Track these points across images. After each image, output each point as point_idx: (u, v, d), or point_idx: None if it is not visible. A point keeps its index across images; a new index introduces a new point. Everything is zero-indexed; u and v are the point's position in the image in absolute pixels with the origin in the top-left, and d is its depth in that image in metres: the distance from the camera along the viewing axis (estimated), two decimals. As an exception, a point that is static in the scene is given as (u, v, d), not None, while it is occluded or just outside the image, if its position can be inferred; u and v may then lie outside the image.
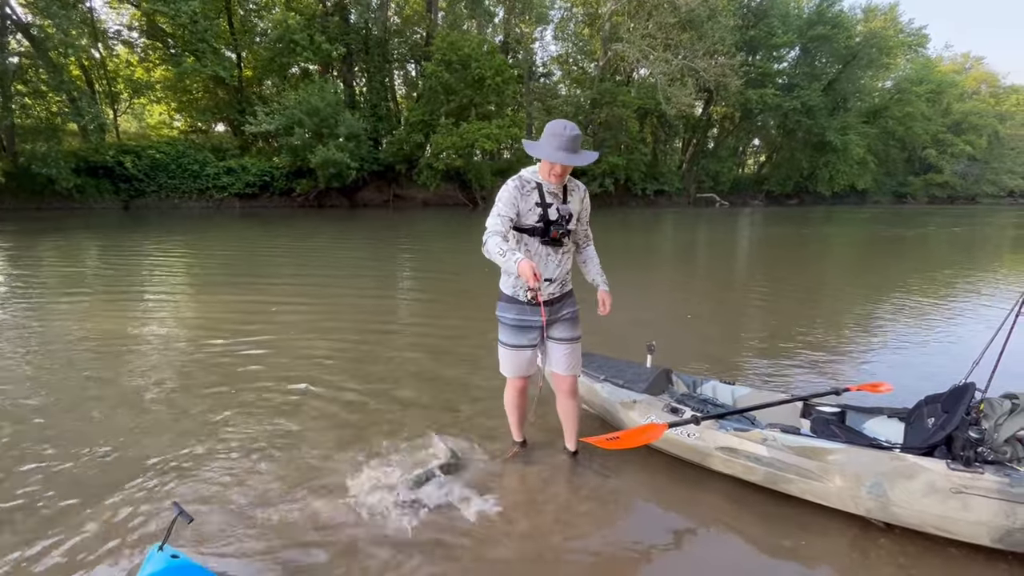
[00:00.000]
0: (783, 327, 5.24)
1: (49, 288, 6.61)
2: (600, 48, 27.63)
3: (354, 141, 20.87)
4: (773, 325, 5.42)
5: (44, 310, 5.49)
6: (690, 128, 32.13)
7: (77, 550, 1.91)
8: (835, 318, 5.68)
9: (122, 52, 22.59)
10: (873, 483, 1.97)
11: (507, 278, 2.35)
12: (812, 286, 7.91)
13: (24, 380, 3.57)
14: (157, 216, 17.92)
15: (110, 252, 10.17)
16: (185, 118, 24.96)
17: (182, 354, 4.16)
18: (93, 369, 3.78)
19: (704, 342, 4.77)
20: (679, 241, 15.15)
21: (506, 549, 1.98)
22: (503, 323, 2.41)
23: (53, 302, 5.85)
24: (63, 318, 5.15)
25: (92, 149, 19.25)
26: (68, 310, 5.49)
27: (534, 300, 2.03)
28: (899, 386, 2.87)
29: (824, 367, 4.07)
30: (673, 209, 27.80)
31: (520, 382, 2.50)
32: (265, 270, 8.51)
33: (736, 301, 6.88)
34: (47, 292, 6.37)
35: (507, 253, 2.04)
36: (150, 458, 2.54)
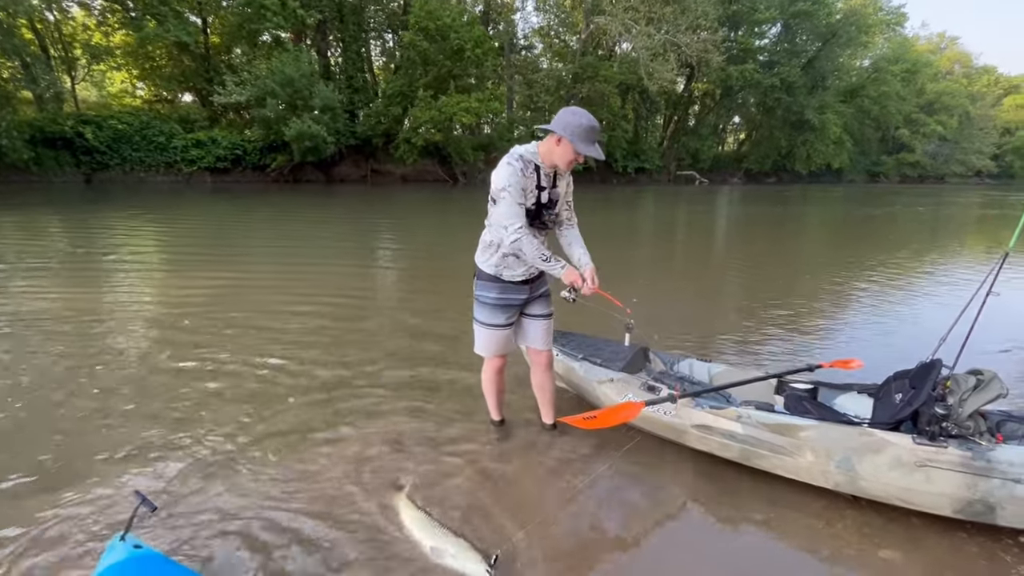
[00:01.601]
0: (758, 305, 5.32)
1: (7, 264, 6.30)
2: (582, 21, 27.09)
3: (329, 113, 20.23)
4: (749, 303, 5.50)
5: (1, 288, 5.23)
6: (671, 105, 32.03)
7: (37, 541, 1.84)
8: (809, 296, 5.79)
9: (78, 15, 21.29)
10: (842, 458, 2.02)
11: (489, 257, 2.27)
12: (787, 265, 8.05)
13: (-21, 362, 3.40)
14: (122, 190, 17.19)
15: (72, 228, 9.73)
16: (149, 87, 23.79)
17: (147, 335, 4.02)
18: (54, 350, 3.63)
19: (682, 320, 4.81)
20: (659, 219, 15.21)
21: (482, 526, 1.98)
22: (482, 302, 2.35)
23: (10, 279, 5.58)
24: (22, 296, 4.93)
25: (49, 119, 18.25)
26: (26, 288, 5.24)
27: (574, 300, 2.17)
28: (869, 362, 2.93)
29: (798, 344, 4.15)
30: (654, 187, 27.87)
31: (498, 361, 2.49)
32: (237, 247, 8.26)
33: (713, 279, 6.96)
34: (5, 269, 6.07)
35: (551, 260, 2.09)
36: (113, 444, 2.46)
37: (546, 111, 26.12)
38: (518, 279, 2.30)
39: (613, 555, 1.90)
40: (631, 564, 1.87)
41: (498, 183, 2.10)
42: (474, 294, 2.38)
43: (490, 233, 2.26)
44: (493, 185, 2.14)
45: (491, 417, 2.68)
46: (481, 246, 2.33)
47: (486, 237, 2.30)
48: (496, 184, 2.11)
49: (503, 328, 2.38)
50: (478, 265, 2.34)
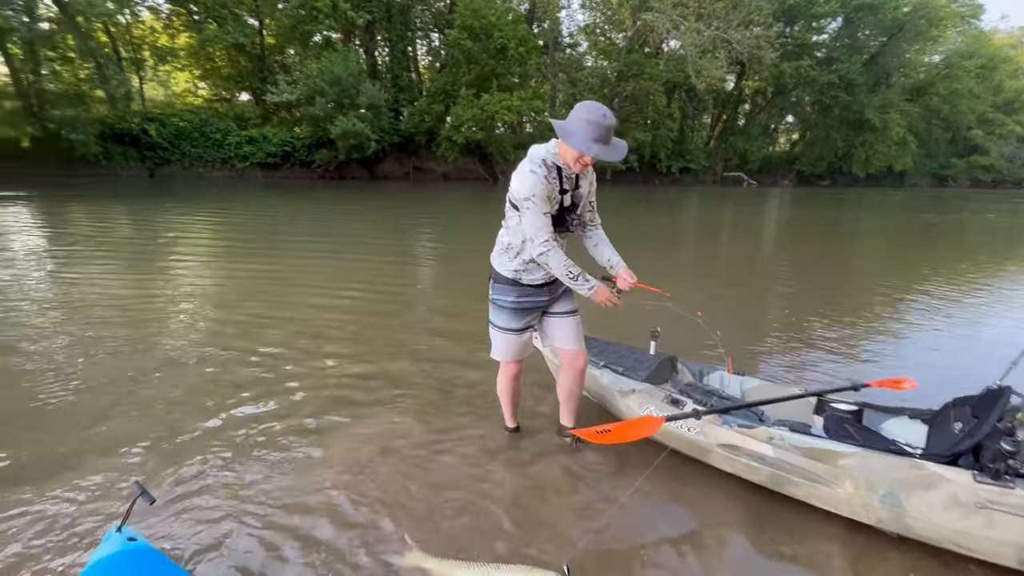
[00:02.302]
0: (803, 316, 4.99)
1: (71, 251, 6.71)
2: (629, 17, 26.56)
3: (374, 111, 20.65)
4: (793, 313, 5.17)
5: (62, 273, 5.56)
6: (720, 103, 30.97)
7: (42, 527, 1.88)
8: (858, 308, 5.38)
9: (147, 18, 22.63)
10: (887, 491, 1.80)
11: (508, 260, 2.16)
12: (838, 273, 7.55)
13: (23, 340, 3.59)
14: (182, 185, 18.15)
15: (135, 219, 10.34)
16: (209, 86, 25.06)
17: (188, 324, 4.15)
18: (95, 333, 3.79)
19: (718, 328, 4.56)
20: (703, 221, 14.70)
21: (490, 537, 1.89)
22: (499, 305, 2.24)
23: (72, 265, 5.93)
24: (77, 282, 5.21)
25: (118, 116, 19.46)
26: (84, 272, 5.54)
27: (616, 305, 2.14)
28: (925, 384, 2.65)
29: (844, 360, 3.84)
30: (699, 188, 27.04)
31: (515, 367, 2.39)
32: (282, 240, 8.51)
33: (756, 286, 6.61)
34: (69, 255, 6.46)
35: (579, 277, 2.01)
36: (131, 432, 2.51)
37: (589, 110, 25.74)
38: (538, 283, 2.19)
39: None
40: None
41: (521, 192, 1.97)
42: (490, 297, 2.27)
43: (508, 235, 2.15)
44: (514, 192, 2.01)
45: (506, 424, 2.58)
46: (498, 248, 2.22)
47: (503, 239, 2.19)
48: (519, 193, 1.98)
49: (521, 333, 2.28)
50: (495, 268, 2.23)
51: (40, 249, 6.97)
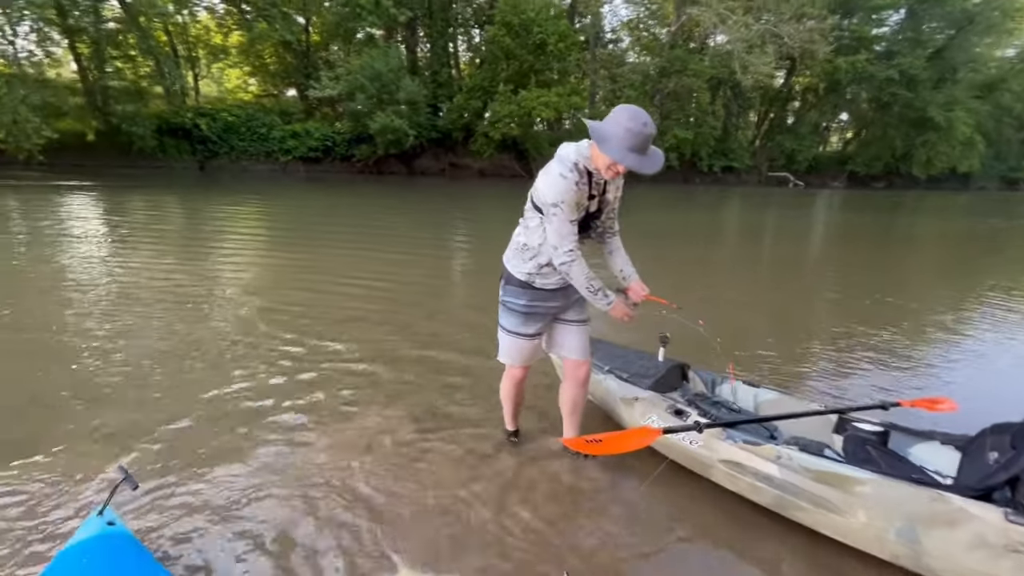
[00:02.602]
0: (844, 324, 4.70)
1: (123, 237, 7.08)
2: (673, 12, 25.85)
3: (412, 107, 20.88)
4: (833, 321, 4.88)
5: (110, 258, 5.85)
6: (767, 100, 29.73)
7: (25, 506, 1.93)
8: (907, 320, 5.01)
9: (203, 18, 23.68)
10: (904, 525, 1.64)
11: (522, 262, 2.06)
12: (888, 282, 7.05)
13: (56, 317, 3.78)
14: (229, 177, 18.94)
15: (185, 209, 10.89)
16: (258, 82, 26.01)
17: (215, 311, 4.28)
18: (125, 318, 3.96)
19: (745, 334, 4.35)
20: (745, 221, 14.16)
21: (487, 546, 1.83)
22: (510, 308, 2.15)
23: (121, 251, 6.25)
24: (124, 267, 5.47)
25: (173, 111, 20.45)
26: (130, 257, 5.82)
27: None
28: (965, 407, 2.42)
29: (879, 376, 3.58)
30: (741, 188, 26.08)
31: (521, 372, 2.31)
32: (320, 232, 8.73)
33: (797, 291, 6.29)
34: (121, 240, 6.82)
35: (599, 292, 1.96)
36: (131, 416, 2.58)
37: (629, 107, 25.20)
38: (551, 287, 2.09)
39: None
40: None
41: (549, 196, 1.86)
42: (501, 299, 2.18)
43: (526, 235, 2.04)
44: (541, 195, 1.89)
45: (506, 426, 2.51)
46: (513, 248, 2.11)
47: (520, 239, 2.08)
48: (546, 197, 1.87)
49: (531, 338, 2.19)
50: (508, 269, 2.13)
51: (98, 235, 7.40)
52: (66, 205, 10.31)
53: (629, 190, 2.22)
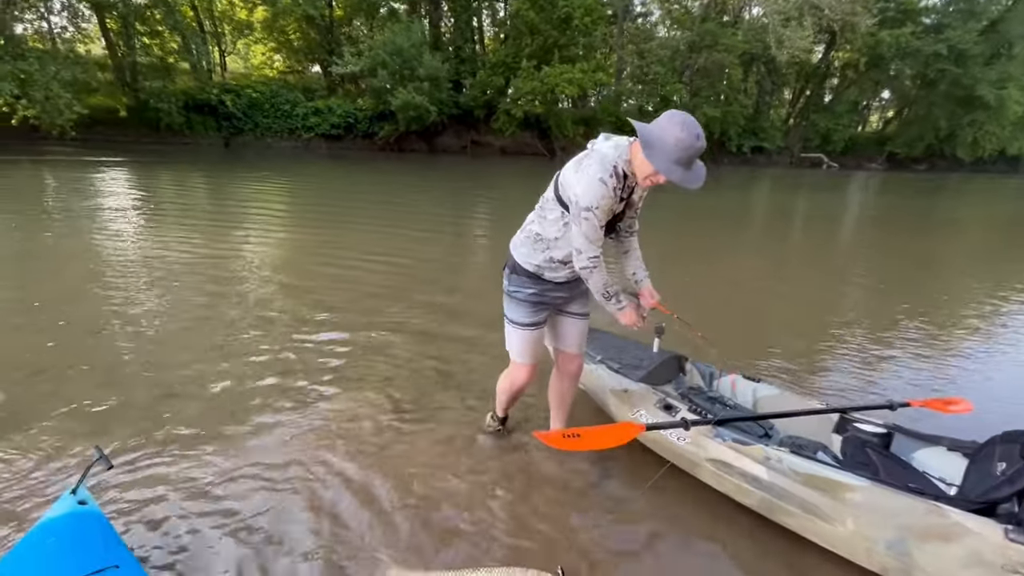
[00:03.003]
0: (865, 316, 4.50)
1: (147, 213, 7.24)
2: (706, -18, 24.75)
3: (433, 83, 20.63)
4: (849, 313, 4.68)
5: (133, 233, 6.00)
6: (803, 77, 28.39)
7: (7, 477, 1.99)
8: (937, 313, 4.75)
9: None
10: (896, 537, 1.54)
11: (534, 252, 1.93)
12: (922, 271, 6.71)
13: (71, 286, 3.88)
14: (253, 154, 19.17)
15: (210, 184, 11.13)
16: (283, 59, 26.06)
17: (225, 286, 4.34)
18: (130, 292, 4.04)
19: (756, 323, 4.20)
20: (775, 203, 13.68)
21: (462, 540, 1.81)
22: (517, 299, 2.01)
23: (144, 226, 6.40)
24: (147, 240, 5.60)
25: (199, 88, 20.68)
26: (151, 233, 5.95)
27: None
28: (982, 410, 2.28)
29: (892, 373, 3.41)
30: (772, 169, 25.17)
31: (527, 372, 2.13)
32: (341, 208, 8.84)
33: (817, 278, 6.04)
34: (145, 216, 6.98)
35: (613, 297, 1.88)
36: (129, 391, 2.63)
37: (658, 84, 24.42)
38: (560, 280, 1.99)
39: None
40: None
41: (584, 199, 1.69)
42: (505, 289, 2.05)
43: (541, 226, 1.90)
44: (575, 196, 1.71)
45: (495, 411, 2.41)
46: (524, 235, 1.97)
47: (533, 227, 1.93)
48: (580, 199, 1.69)
49: (537, 327, 2.07)
50: (515, 258, 1.99)
51: (125, 209, 7.61)
52: (96, 180, 10.60)
53: None
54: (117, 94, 19.56)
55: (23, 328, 3.35)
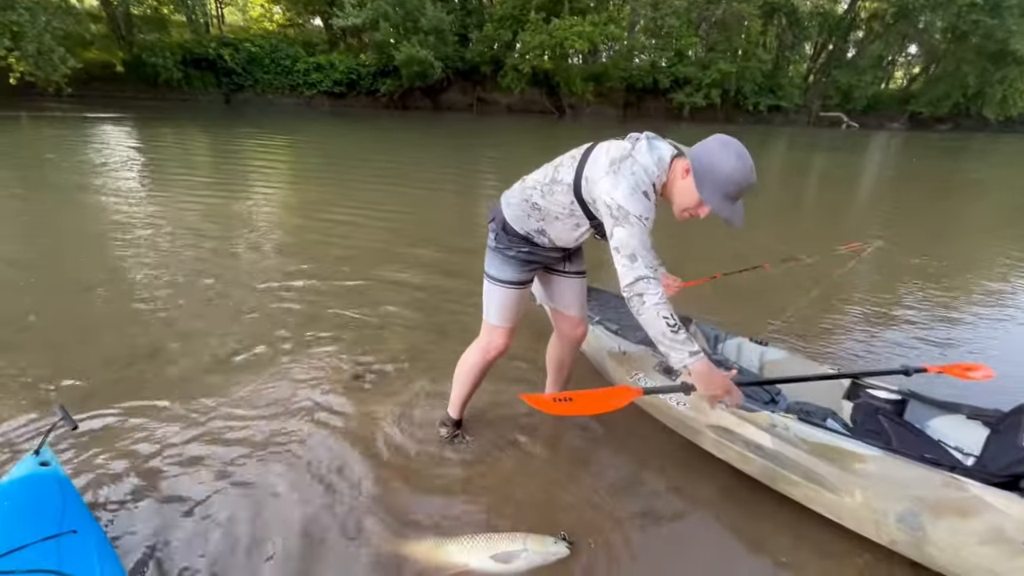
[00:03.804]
0: (880, 280, 4.31)
1: (146, 168, 7.08)
2: (728, -75, 23.18)
3: (437, 36, 19.83)
4: (864, 277, 4.48)
5: (132, 188, 5.86)
6: (827, 30, 26.97)
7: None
8: (955, 278, 4.55)
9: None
10: (907, 510, 1.43)
11: (527, 220, 1.70)
12: (941, 234, 6.43)
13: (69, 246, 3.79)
14: (254, 111, 18.73)
15: (210, 141, 10.85)
16: (283, 11, 25.07)
17: (218, 244, 4.23)
18: (130, 247, 3.94)
19: (764, 288, 4.04)
20: (789, 163, 13.20)
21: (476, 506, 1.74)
22: (504, 255, 1.77)
23: (146, 182, 6.26)
24: (145, 197, 5.47)
25: (196, 41, 20.05)
26: (152, 187, 5.81)
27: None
28: (1005, 377, 2.14)
29: (907, 338, 3.26)
30: (789, 129, 24.28)
31: (502, 340, 1.86)
32: (342, 167, 8.62)
33: (828, 241, 5.81)
34: (145, 172, 6.82)
35: (683, 345, 1.40)
36: (109, 350, 2.56)
37: (672, 38, 23.29)
38: (548, 246, 1.77)
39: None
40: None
41: (630, 207, 1.43)
42: (490, 245, 1.80)
43: (543, 198, 1.65)
44: (616, 200, 1.43)
45: (448, 413, 2.06)
46: (520, 196, 1.71)
47: (534, 195, 1.67)
48: (626, 205, 1.43)
49: (522, 287, 1.82)
50: (505, 215, 1.74)
51: (123, 165, 7.46)
52: (94, 135, 10.39)
53: (672, 125, 1.86)
54: (112, 48, 19.02)
55: (6, 284, 3.28)
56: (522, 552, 1.49)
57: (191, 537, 1.55)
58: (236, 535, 1.57)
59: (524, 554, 1.49)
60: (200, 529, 1.58)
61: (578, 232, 1.68)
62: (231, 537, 1.56)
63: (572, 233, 1.69)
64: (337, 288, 3.45)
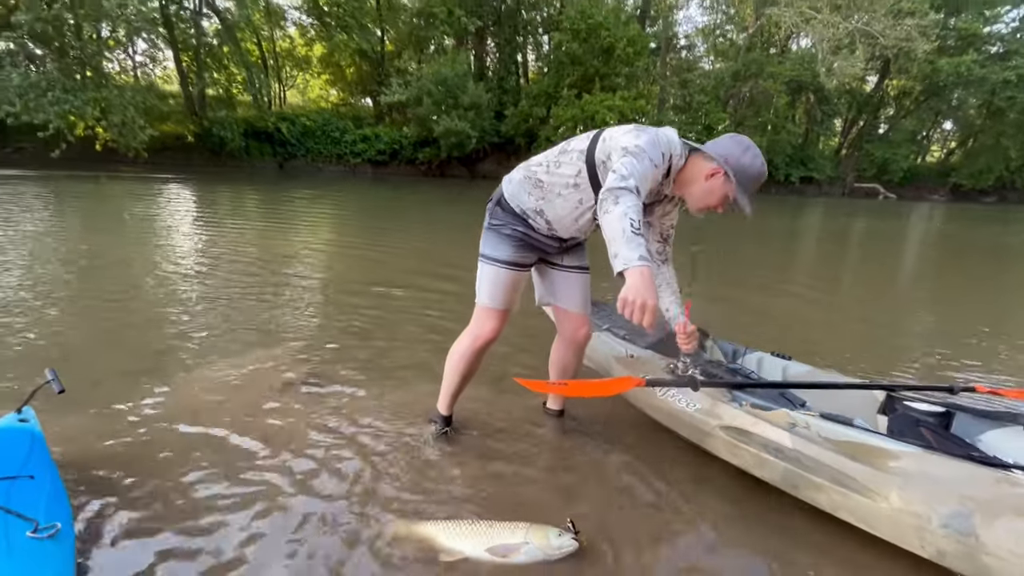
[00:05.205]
0: (926, 333, 4.03)
1: (206, 218, 7.59)
2: (751, 15, 24.63)
3: (475, 111, 21.21)
4: (908, 330, 4.21)
5: (187, 233, 6.25)
6: (855, 106, 27.47)
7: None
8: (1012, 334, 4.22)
9: (293, 33, 25.58)
10: (955, 512, 1.22)
11: (527, 196, 1.67)
12: (995, 309, 5.99)
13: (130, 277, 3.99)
14: (304, 176, 20.12)
15: (265, 198, 11.76)
16: (338, 92, 27.61)
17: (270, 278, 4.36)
18: (182, 281, 4.12)
19: (791, 328, 3.83)
20: (827, 228, 12.94)
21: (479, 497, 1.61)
22: (501, 233, 1.73)
23: (211, 230, 6.68)
24: (217, 242, 5.81)
25: (258, 116, 22.10)
26: (211, 238, 6.18)
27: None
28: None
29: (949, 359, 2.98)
30: (824, 199, 24.13)
31: (495, 324, 1.76)
32: (381, 226, 8.97)
33: (875, 295, 5.55)
34: (204, 221, 7.30)
35: (638, 248, 1.21)
36: (131, 348, 2.60)
37: (701, 113, 24.19)
38: (543, 232, 1.74)
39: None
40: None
41: (643, 144, 1.40)
42: (487, 223, 1.77)
43: (548, 174, 1.62)
44: (625, 138, 1.44)
45: (438, 410, 1.96)
46: (524, 175, 1.70)
47: (540, 172, 1.65)
48: (639, 142, 1.41)
49: (520, 269, 1.75)
50: (505, 193, 1.73)
51: (185, 215, 8.02)
52: (162, 192, 11.36)
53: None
54: (185, 122, 21.14)
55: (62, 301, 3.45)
56: (522, 545, 1.35)
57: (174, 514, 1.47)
58: (226, 515, 1.48)
59: (525, 548, 1.34)
60: (189, 508, 1.50)
61: (579, 212, 1.62)
62: (216, 513, 1.47)
63: (572, 213, 1.64)
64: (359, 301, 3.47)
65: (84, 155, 16.78)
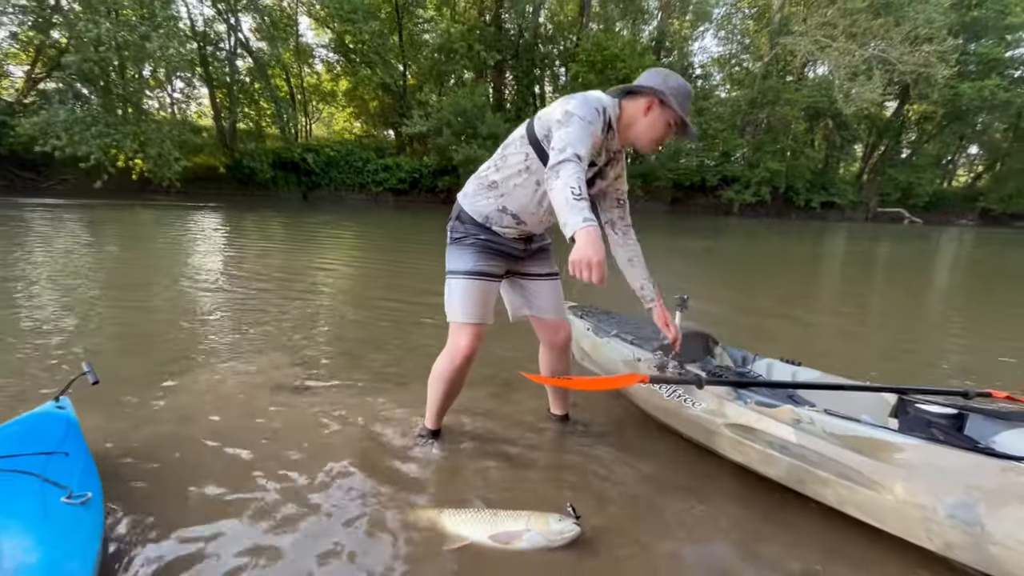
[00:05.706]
0: (962, 361, 3.94)
1: (233, 241, 7.89)
2: (766, 44, 24.96)
3: (494, 141, 21.73)
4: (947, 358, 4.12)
5: (217, 254, 6.52)
6: (875, 132, 27.31)
7: None
8: None
9: (320, 69, 26.83)
10: (960, 502, 1.21)
11: (484, 199, 1.71)
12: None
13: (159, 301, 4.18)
14: (328, 204, 20.74)
15: (288, 223, 12.15)
16: (361, 125, 28.66)
17: (291, 296, 4.51)
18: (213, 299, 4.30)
19: (817, 347, 3.78)
20: (851, 252, 12.76)
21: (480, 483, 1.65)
22: (463, 244, 1.74)
23: (235, 255, 6.95)
24: (244, 265, 6.05)
25: (285, 148, 23.01)
26: (236, 262, 6.43)
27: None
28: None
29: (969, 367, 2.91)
30: (846, 224, 23.80)
31: (471, 340, 1.71)
32: (397, 249, 9.18)
33: (896, 332, 5.44)
34: (231, 244, 7.60)
35: (580, 203, 1.26)
36: (159, 352, 2.72)
37: (718, 140, 24.35)
38: (510, 235, 1.76)
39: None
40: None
41: (571, 108, 1.47)
42: (449, 239, 1.79)
43: (498, 172, 1.69)
44: (556, 109, 1.51)
45: (425, 424, 1.97)
46: (476, 183, 1.75)
47: (490, 174, 1.71)
48: (567, 107, 1.48)
49: (490, 280, 1.74)
50: (463, 206, 1.76)
51: (213, 238, 8.35)
52: (192, 218, 11.85)
53: (721, 219, 1.93)
54: (217, 154, 22.14)
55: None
56: (524, 532, 1.37)
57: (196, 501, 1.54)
58: (230, 503, 1.54)
59: (527, 534, 1.37)
60: (201, 499, 1.57)
61: (539, 194, 1.64)
62: (225, 504, 1.53)
63: (533, 198, 1.65)
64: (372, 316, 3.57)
65: (122, 185, 17.65)
